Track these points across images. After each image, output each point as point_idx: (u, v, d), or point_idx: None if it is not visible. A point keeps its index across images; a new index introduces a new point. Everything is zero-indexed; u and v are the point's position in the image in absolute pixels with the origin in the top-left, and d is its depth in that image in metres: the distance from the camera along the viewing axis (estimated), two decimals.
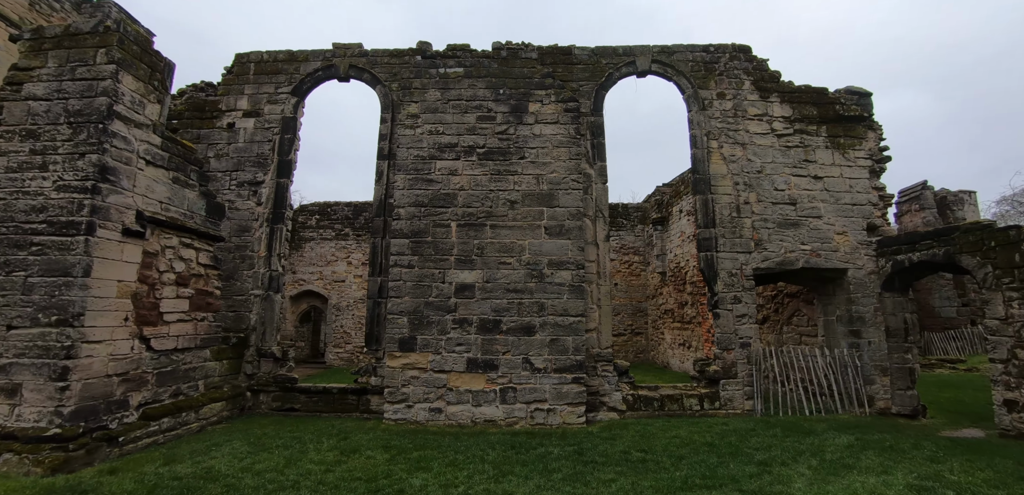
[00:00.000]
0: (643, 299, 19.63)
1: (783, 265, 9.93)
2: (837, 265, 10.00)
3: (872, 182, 10.53)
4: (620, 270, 19.74)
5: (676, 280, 16.35)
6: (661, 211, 17.96)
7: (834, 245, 10.11)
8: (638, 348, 19.37)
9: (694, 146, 10.32)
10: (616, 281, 19.62)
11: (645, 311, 19.57)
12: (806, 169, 10.35)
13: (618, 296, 19.45)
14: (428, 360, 8.85)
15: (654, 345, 18.75)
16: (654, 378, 14.88)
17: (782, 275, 10.44)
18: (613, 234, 19.81)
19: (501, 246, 9.17)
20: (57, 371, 6.30)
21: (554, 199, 9.36)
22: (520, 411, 8.69)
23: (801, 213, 10.15)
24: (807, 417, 9.24)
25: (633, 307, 19.58)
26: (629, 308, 19.56)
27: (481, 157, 9.53)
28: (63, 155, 6.77)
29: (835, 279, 10.24)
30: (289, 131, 10.51)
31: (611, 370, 9.36)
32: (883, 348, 9.70)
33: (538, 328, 8.91)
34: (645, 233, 19.81)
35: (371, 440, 7.56)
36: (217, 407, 8.76)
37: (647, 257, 19.63)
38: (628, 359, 18.86)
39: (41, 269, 6.54)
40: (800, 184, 10.29)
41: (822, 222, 10.17)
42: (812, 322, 11.01)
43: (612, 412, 9.25)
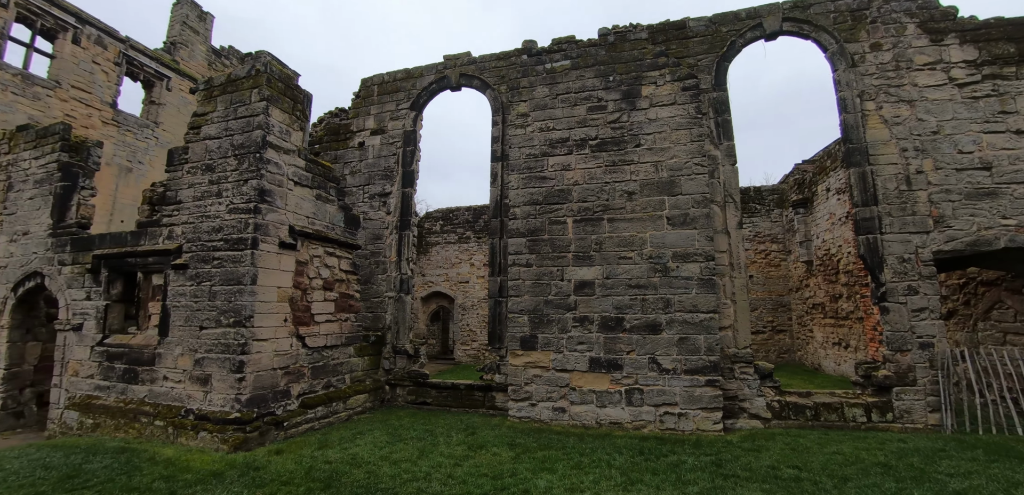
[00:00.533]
0: (785, 292, 17.52)
1: (976, 246, 8.05)
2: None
3: None
4: (756, 261, 17.85)
5: (826, 269, 14.28)
6: (803, 192, 15.85)
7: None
8: (781, 347, 17.33)
9: (844, 110, 8.84)
10: (752, 273, 17.79)
11: (788, 305, 17.44)
12: (1003, 122, 8.28)
13: (755, 290, 17.62)
14: (550, 359, 8.76)
15: (801, 344, 16.62)
16: (803, 382, 13.18)
17: (975, 258, 8.48)
18: (746, 221, 18.01)
19: (620, 240, 8.75)
20: (235, 364, 7.38)
21: (676, 186, 8.68)
22: (648, 414, 8.19)
23: (1000, 179, 8.14)
24: (1020, 437, 7.38)
25: (773, 302, 17.57)
26: (768, 303, 17.59)
27: (594, 149, 9.19)
28: (232, 182, 7.92)
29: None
30: (410, 143, 11.19)
31: (751, 372, 8.40)
32: None
33: (664, 326, 8.32)
34: (784, 218, 17.66)
35: (496, 437, 7.68)
36: (361, 398, 9.62)
37: (787, 245, 17.48)
38: (769, 360, 17.00)
39: (220, 279, 7.72)
40: (995, 142, 8.26)
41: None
42: (1021, 316, 8.78)
43: (754, 420, 8.29)
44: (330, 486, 5.71)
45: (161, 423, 7.69)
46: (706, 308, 8.20)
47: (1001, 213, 8.08)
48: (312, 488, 5.64)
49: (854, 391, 8.46)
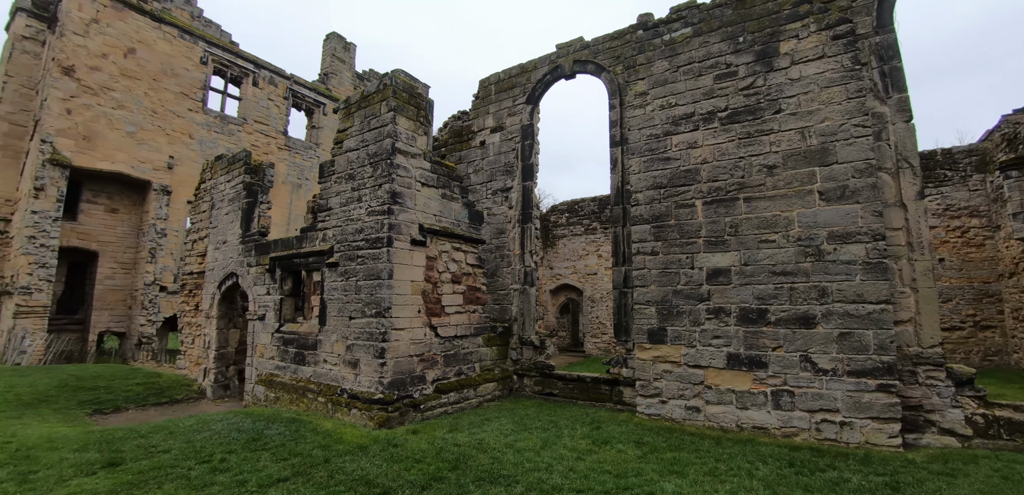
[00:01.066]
0: (991, 278, 14.02)
1: None
2: None
3: None
4: (948, 240, 14.59)
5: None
6: (1016, 149, 12.49)
7: None
8: (987, 348, 13.93)
9: None
10: (943, 256, 14.60)
11: (996, 295, 13.93)
12: None
13: (948, 276, 14.43)
14: (681, 353, 8.13)
15: (1018, 345, 13.16)
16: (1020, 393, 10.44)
17: None
18: (932, 192, 14.82)
19: (760, 221, 7.75)
20: (378, 351, 8.14)
21: (829, 154, 7.39)
22: (801, 420, 7.14)
23: None
24: None
25: (975, 291, 14.18)
26: (967, 292, 14.25)
27: (724, 122, 8.26)
28: (369, 188, 8.74)
29: None
30: (528, 137, 11.26)
31: (942, 377, 6.82)
32: None
33: (820, 318, 7.16)
34: (988, 185, 14.13)
35: (623, 433, 7.34)
36: (490, 387, 9.98)
37: (994, 218, 13.96)
38: (970, 363, 13.81)
39: (363, 275, 8.58)
40: None
41: None
42: None
43: (947, 436, 6.72)
44: (457, 467, 5.97)
45: (322, 400, 8.82)
46: (875, 298, 6.85)
47: None
48: (441, 467, 5.95)
49: None
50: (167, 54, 22.12)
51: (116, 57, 20.73)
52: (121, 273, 22.01)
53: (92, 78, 20.03)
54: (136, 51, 21.26)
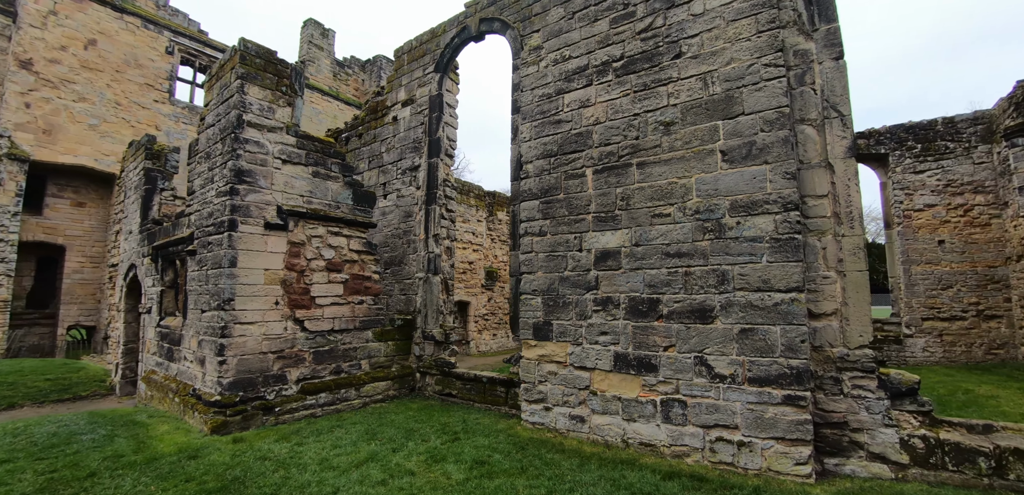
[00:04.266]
0: (997, 262, 11.98)
1: None
2: None
3: None
4: (949, 219, 12.59)
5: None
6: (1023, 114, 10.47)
7: None
8: (993, 341, 11.93)
9: None
10: (942, 237, 12.63)
11: (1004, 281, 11.90)
12: None
13: (949, 261, 12.46)
14: (566, 352, 6.76)
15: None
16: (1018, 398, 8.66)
17: None
18: (932, 165, 12.84)
19: (654, 191, 6.28)
20: (217, 347, 7.07)
21: (734, 104, 5.87)
22: (693, 438, 5.69)
23: None
24: None
25: (979, 276, 12.17)
26: (970, 277, 12.25)
27: (619, 73, 6.80)
28: (218, 167, 7.65)
29: None
30: (436, 110, 9.98)
31: (872, 386, 5.26)
32: None
33: (718, 311, 5.68)
34: (994, 157, 12.05)
35: (479, 447, 6.04)
36: (381, 386, 8.81)
37: (1001, 194, 11.90)
38: (974, 356, 11.89)
39: (211, 263, 7.51)
40: None
41: None
42: None
43: (877, 463, 5.17)
44: (227, 489, 4.87)
45: (178, 400, 7.85)
46: (785, 284, 5.33)
47: None
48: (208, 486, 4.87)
49: None
50: (130, 45, 21.68)
51: (76, 49, 20.36)
52: (89, 267, 21.78)
53: (51, 71, 19.70)
54: (97, 43, 20.87)
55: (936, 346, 12.36)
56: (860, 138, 14.11)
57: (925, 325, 12.49)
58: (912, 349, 12.56)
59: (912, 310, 12.70)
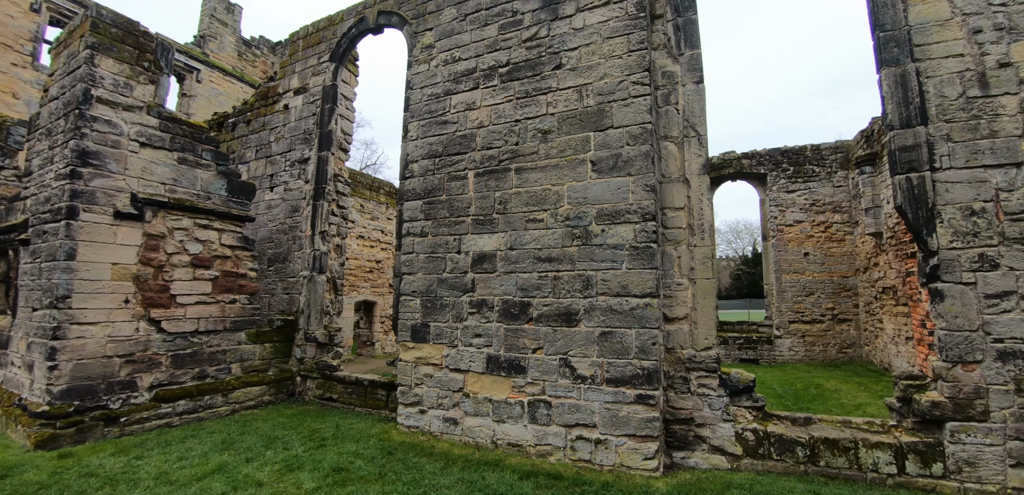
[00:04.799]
0: (850, 272, 13.62)
1: None
2: None
3: None
4: (813, 235, 14.11)
5: (897, 243, 10.54)
6: (871, 146, 11.97)
7: None
8: (844, 341, 13.53)
9: None
10: (807, 250, 14.12)
11: (854, 289, 13.55)
12: None
13: (812, 270, 13.95)
14: (442, 354, 6.71)
15: (869, 338, 12.77)
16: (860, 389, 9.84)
17: None
18: (802, 185, 14.31)
19: (530, 196, 6.41)
20: (47, 351, 6.24)
21: (605, 117, 6.14)
22: (556, 437, 5.86)
23: None
24: None
25: (835, 285, 13.75)
26: (828, 286, 13.81)
27: (504, 79, 6.88)
28: (59, 147, 6.78)
29: None
30: (329, 100, 9.55)
31: (714, 385, 5.71)
32: None
33: (582, 315, 5.90)
34: (850, 181, 13.70)
35: (343, 453, 5.82)
36: (254, 391, 8.24)
37: (853, 214, 13.54)
38: (829, 355, 13.37)
39: (44, 255, 6.62)
40: None
41: None
42: None
43: (717, 455, 5.62)
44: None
45: (1, 411, 6.82)
46: (641, 290, 5.64)
47: None
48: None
49: (884, 422, 5.45)
50: None
51: None
52: None
53: None
54: None
55: (800, 346, 13.80)
56: (745, 158, 15.43)
57: (792, 327, 13.89)
58: (780, 348, 13.92)
59: (781, 314, 14.07)
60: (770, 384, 11.37)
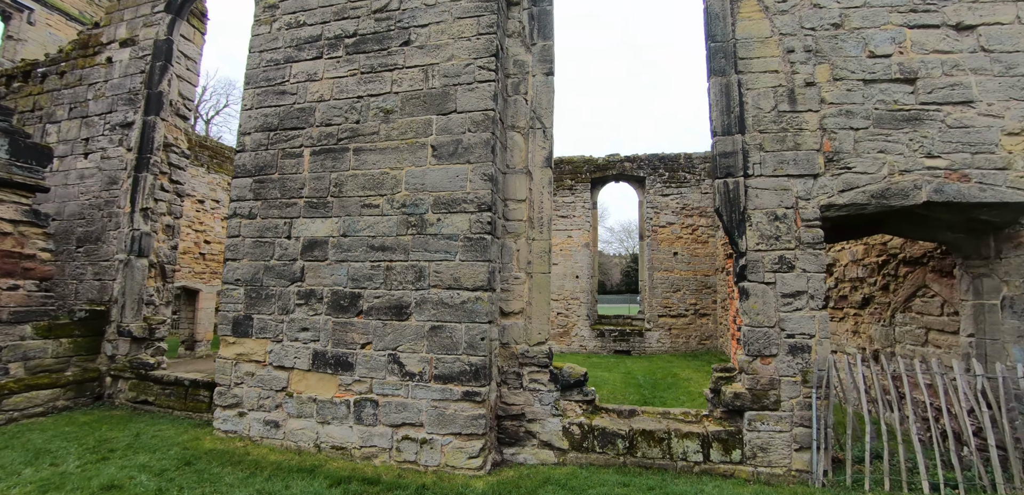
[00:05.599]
0: (711, 272, 14.77)
1: (885, 198, 5.25)
2: (1008, 196, 5.07)
3: None
4: (682, 236, 15.09)
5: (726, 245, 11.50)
6: None
7: (1002, 157, 5.15)
8: (703, 333, 14.66)
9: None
10: (677, 250, 15.06)
11: (714, 287, 14.71)
12: (938, 12, 5.43)
13: (680, 269, 14.89)
14: (266, 350, 6.02)
15: (723, 331, 13.93)
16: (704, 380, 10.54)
17: (884, 218, 5.68)
18: (675, 190, 15.22)
19: (367, 180, 5.93)
20: None
21: (449, 101, 5.83)
22: (382, 438, 5.47)
23: (927, 97, 5.33)
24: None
25: (698, 282, 14.83)
26: (693, 283, 14.86)
27: (350, 51, 6.32)
28: None
29: (1002, 225, 5.27)
30: (162, 57, 8.29)
31: (545, 380, 5.66)
32: None
33: (414, 308, 5.55)
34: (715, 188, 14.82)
35: (139, 466, 4.97)
36: (43, 396, 6.90)
37: (716, 219, 14.68)
38: (690, 347, 14.36)
39: None
40: (925, 42, 5.42)
41: (974, 112, 5.25)
42: (951, 308, 6.01)
43: (545, 450, 5.58)
44: None
45: None
46: (472, 283, 5.41)
47: (926, 149, 5.27)
48: None
49: (698, 412, 5.74)
50: None
51: None
52: None
53: None
54: None
55: (667, 338, 14.70)
56: (627, 161, 16.11)
57: (660, 321, 14.76)
58: (650, 340, 14.74)
59: (652, 308, 14.90)
60: (635, 374, 11.93)
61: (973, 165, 5.17)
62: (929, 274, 6.26)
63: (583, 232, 15.42)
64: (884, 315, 7.03)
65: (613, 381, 11.03)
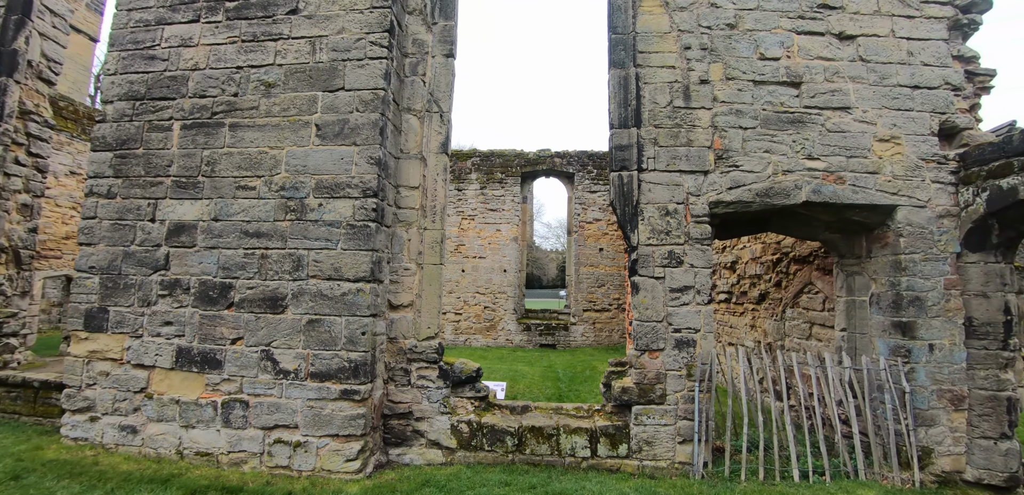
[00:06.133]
0: None
1: (769, 196, 5.40)
2: (877, 199, 5.34)
3: (953, 46, 5.62)
4: (608, 232, 15.31)
5: None
6: None
7: (873, 161, 5.42)
8: (623, 328, 14.96)
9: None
10: (602, 246, 15.26)
11: None
12: (824, 20, 5.64)
13: (604, 265, 15.10)
14: (123, 346, 5.37)
15: None
16: None
17: (771, 216, 5.87)
18: (602, 187, 15.38)
19: (244, 159, 5.41)
20: None
21: (337, 77, 5.41)
22: (252, 442, 5.01)
23: (810, 101, 5.52)
24: (795, 484, 4.85)
25: (621, 277, 15.12)
26: (617, 278, 15.13)
27: (231, 15, 5.73)
28: None
29: (872, 226, 5.56)
30: (18, 10, 7.24)
31: (434, 376, 5.40)
32: (958, 358, 5.03)
33: (290, 300, 5.12)
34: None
35: None
36: None
37: None
38: (614, 339, 14.61)
39: None
40: (810, 48, 5.61)
41: (851, 118, 5.49)
42: (831, 304, 6.34)
43: (433, 450, 5.33)
44: None
45: None
46: (354, 273, 5.05)
47: (807, 151, 5.46)
48: None
49: (590, 407, 5.69)
50: None
51: None
52: None
53: None
54: None
55: (591, 332, 14.89)
56: (557, 157, 16.12)
57: (585, 315, 14.93)
58: (575, 334, 14.87)
59: (578, 303, 15.04)
60: (556, 367, 11.96)
61: (848, 168, 5.41)
62: (814, 272, 6.56)
63: (512, 226, 15.29)
64: (776, 310, 7.34)
65: (532, 375, 10.98)
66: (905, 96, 5.51)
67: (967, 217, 5.17)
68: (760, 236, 7.88)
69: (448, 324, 15.02)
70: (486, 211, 15.24)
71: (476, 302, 14.97)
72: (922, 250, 5.24)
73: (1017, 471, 4.82)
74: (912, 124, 5.47)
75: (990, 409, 4.90)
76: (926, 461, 4.97)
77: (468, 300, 15.02)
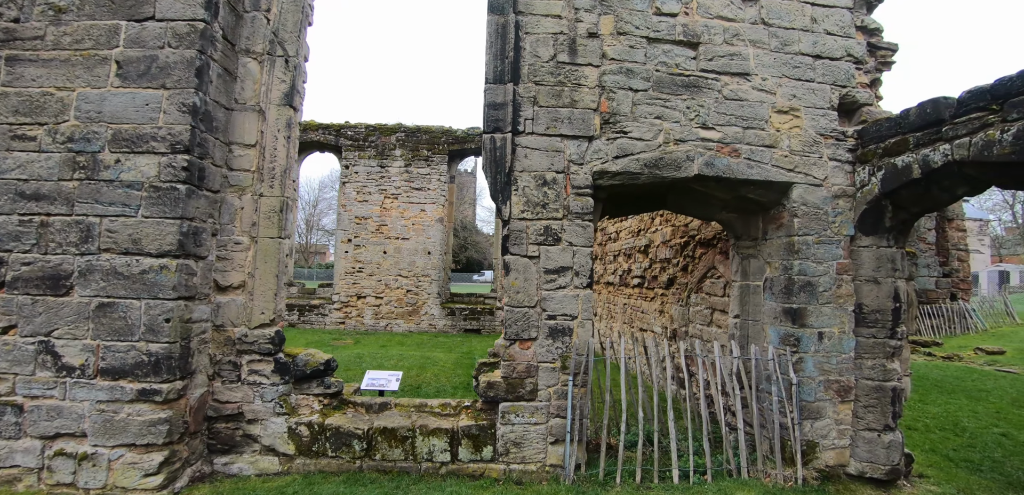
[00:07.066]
0: None
1: (659, 167, 4.83)
2: (773, 175, 4.89)
3: (857, 16, 5.23)
4: None
5: None
6: None
7: (771, 134, 4.95)
8: None
9: None
10: None
11: None
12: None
13: None
14: None
15: None
16: None
17: (665, 192, 5.34)
18: None
19: (22, 101, 4.32)
20: None
21: (145, 3, 4.39)
22: (27, 454, 4.04)
23: (707, 64, 4.98)
24: (673, 486, 4.38)
25: None
26: None
27: None
28: None
29: (768, 205, 5.12)
30: None
31: (268, 371, 4.57)
32: (847, 347, 4.69)
33: (77, 278, 4.14)
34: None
35: None
36: None
37: None
38: None
39: None
40: (710, 6, 5.06)
41: (750, 86, 4.99)
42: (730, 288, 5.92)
43: (268, 457, 4.52)
44: None
45: None
46: (157, 247, 4.13)
47: (701, 119, 4.92)
48: None
49: (460, 402, 5.03)
50: None
51: None
52: None
53: None
54: None
55: None
56: None
57: None
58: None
59: None
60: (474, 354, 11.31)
61: (744, 140, 4.92)
62: (717, 256, 6.13)
63: (438, 206, 14.42)
64: (682, 295, 6.91)
65: (445, 362, 10.30)
66: (807, 66, 5.07)
67: (862, 198, 4.80)
68: (670, 218, 7.43)
69: (368, 308, 14.06)
70: (411, 190, 14.29)
71: (398, 285, 14.07)
72: (816, 232, 4.84)
73: (899, 463, 4.54)
74: (812, 96, 5.04)
75: (875, 400, 4.58)
76: (810, 456, 4.61)
77: (390, 283, 14.09)
